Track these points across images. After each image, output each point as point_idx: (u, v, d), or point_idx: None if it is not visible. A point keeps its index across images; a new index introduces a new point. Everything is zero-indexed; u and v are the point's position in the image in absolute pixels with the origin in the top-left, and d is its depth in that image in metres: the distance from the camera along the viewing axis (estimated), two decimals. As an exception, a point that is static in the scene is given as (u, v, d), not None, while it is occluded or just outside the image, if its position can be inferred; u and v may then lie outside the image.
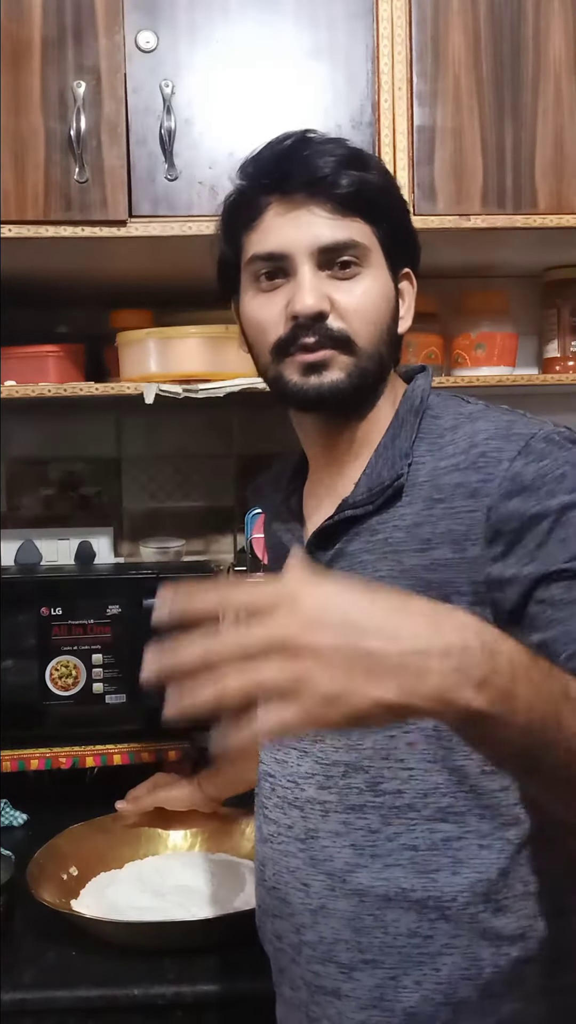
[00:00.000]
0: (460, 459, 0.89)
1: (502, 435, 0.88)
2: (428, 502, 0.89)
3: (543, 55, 1.44)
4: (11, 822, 1.59)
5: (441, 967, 0.89)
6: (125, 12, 1.39)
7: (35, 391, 1.53)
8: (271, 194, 0.93)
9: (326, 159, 0.92)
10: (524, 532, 0.84)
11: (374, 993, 0.91)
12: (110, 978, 1.15)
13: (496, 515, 0.85)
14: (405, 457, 0.92)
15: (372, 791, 0.91)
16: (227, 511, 1.93)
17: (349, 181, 0.91)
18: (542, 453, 0.86)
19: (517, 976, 0.89)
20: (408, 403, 0.97)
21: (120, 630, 1.58)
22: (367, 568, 0.92)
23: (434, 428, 0.94)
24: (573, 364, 1.74)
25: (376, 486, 0.93)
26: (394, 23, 1.42)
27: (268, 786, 1.01)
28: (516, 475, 0.85)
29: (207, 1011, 1.15)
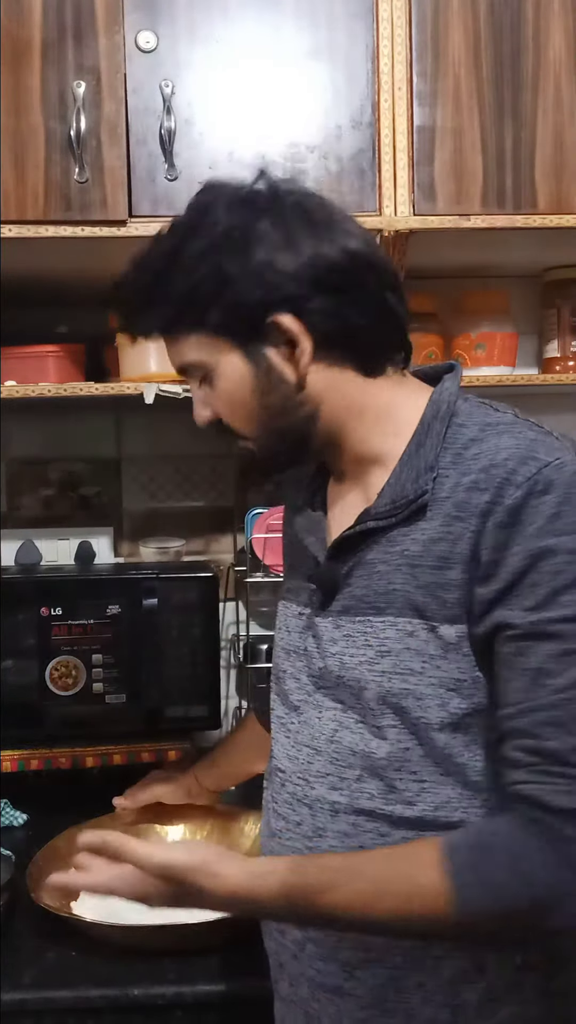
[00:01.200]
0: (480, 477, 0.87)
1: (520, 457, 0.86)
2: (447, 519, 0.88)
3: (543, 55, 1.44)
4: (11, 822, 1.59)
5: (443, 969, 0.89)
6: (125, 12, 1.39)
7: (35, 391, 1.54)
8: None
9: (120, 311, 0.97)
10: (500, 566, 0.84)
11: (375, 993, 0.91)
12: (110, 978, 1.15)
13: (486, 542, 0.85)
14: (430, 471, 0.90)
15: (384, 798, 0.91)
16: (227, 511, 1.93)
17: (143, 325, 0.96)
18: (548, 486, 0.84)
19: (517, 979, 0.90)
20: (434, 409, 0.94)
21: (120, 630, 1.58)
22: (383, 579, 0.91)
23: (459, 438, 0.91)
24: (573, 364, 1.74)
25: (400, 499, 0.91)
26: (394, 23, 1.42)
27: (279, 781, 1.00)
28: (515, 507, 0.84)
29: (207, 1011, 1.15)
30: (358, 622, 0.92)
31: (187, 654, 1.60)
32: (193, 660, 1.60)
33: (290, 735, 1.00)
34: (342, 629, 0.94)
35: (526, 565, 0.83)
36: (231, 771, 1.40)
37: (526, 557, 0.83)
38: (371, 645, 0.91)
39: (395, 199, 1.44)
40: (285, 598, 1.06)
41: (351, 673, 0.92)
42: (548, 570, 0.83)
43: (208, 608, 1.61)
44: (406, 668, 0.89)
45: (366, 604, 0.92)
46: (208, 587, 1.61)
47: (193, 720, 1.61)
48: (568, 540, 0.83)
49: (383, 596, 0.91)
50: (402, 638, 0.89)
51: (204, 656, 1.61)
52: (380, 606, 0.91)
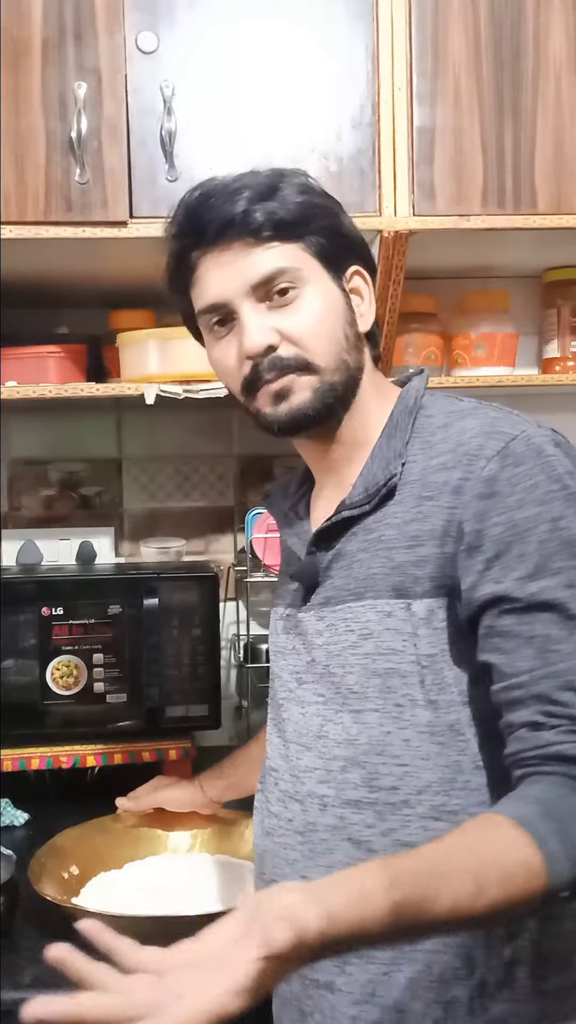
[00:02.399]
0: (448, 457, 0.91)
1: (486, 432, 0.90)
2: (418, 500, 0.91)
3: (543, 55, 1.44)
4: (12, 821, 1.59)
5: (434, 965, 0.90)
6: (126, 13, 1.39)
7: (36, 392, 1.54)
8: (195, 249, 0.97)
9: (234, 200, 0.94)
10: (485, 538, 0.86)
11: (367, 988, 0.92)
12: (110, 977, 1.15)
13: (465, 514, 0.88)
14: (399, 457, 0.94)
15: (368, 787, 0.92)
16: (227, 511, 1.93)
17: (261, 214, 0.93)
18: (520, 457, 0.87)
19: (508, 977, 0.90)
20: (403, 404, 0.99)
21: (121, 630, 1.58)
22: (363, 566, 0.94)
23: (427, 427, 0.96)
24: (573, 364, 1.75)
25: (372, 486, 0.95)
26: (394, 23, 1.42)
27: (272, 780, 1.02)
28: (490, 477, 0.87)
29: (207, 1010, 1.15)
30: (339, 610, 0.95)
31: (187, 654, 1.60)
32: (193, 660, 1.60)
33: (281, 734, 1.02)
34: (325, 620, 0.96)
35: (511, 535, 0.86)
36: (237, 783, 1.40)
37: (509, 527, 0.86)
38: (353, 630, 0.93)
39: (395, 199, 1.44)
40: (275, 603, 1.09)
41: (336, 660, 0.95)
42: (534, 539, 0.85)
43: (208, 608, 1.61)
44: (388, 648, 0.91)
45: (347, 592, 0.95)
46: (208, 587, 1.62)
47: (193, 720, 1.61)
48: (548, 509, 0.86)
49: (363, 582, 0.93)
50: (382, 619, 0.91)
51: (204, 656, 1.61)
52: (359, 592, 0.93)
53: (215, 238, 0.95)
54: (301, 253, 0.95)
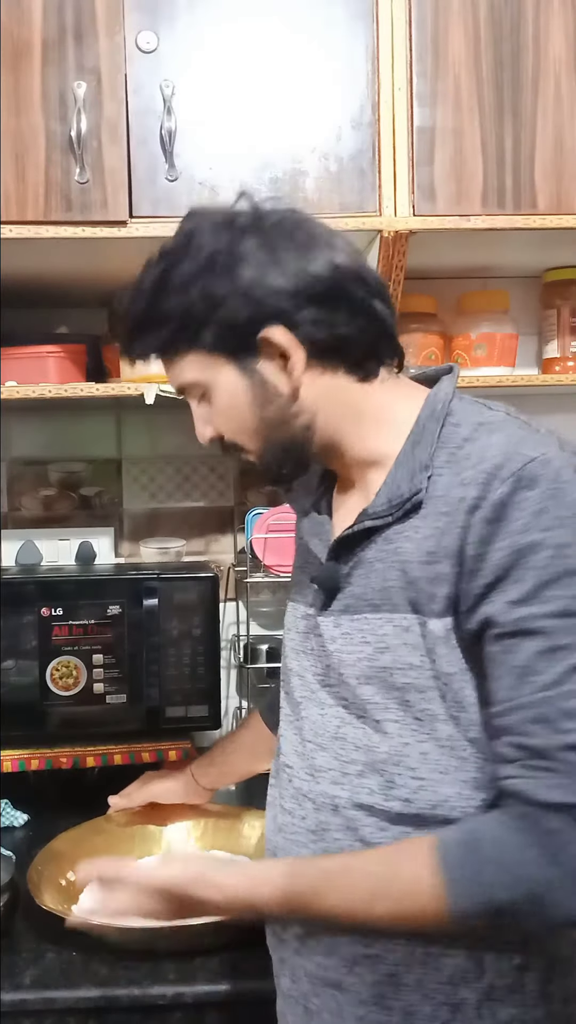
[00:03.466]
0: (469, 474, 0.88)
1: (507, 453, 0.87)
2: (438, 516, 0.89)
3: (543, 55, 1.44)
4: (11, 822, 1.59)
5: (443, 968, 0.90)
6: (125, 12, 1.39)
7: (36, 392, 1.54)
8: None
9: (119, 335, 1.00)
10: (487, 562, 0.85)
11: (374, 989, 0.92)
12: (110, 978, 1.16)
13: (473, 536, 0.86)
14: (425, 470, 0.91)
15: (383, 794, 0.91)
16: (227, 511, 1.93)
17: (140, 349, 0.98)
18: (533, 481, 0.85)
19: (517, 982, 0.90)
20: (429, 409, 0.95)
21: (121, 630, 1.58)
22: (379, 576, 0.93)
23: (453, 437, 0.92)
24: (573, 364, 1.74)
25: (396, 498, 0.92)
26: (394, 23, 1.42)
27: (286, 777, 1.02)
28: (500, 501, 0.85)
29: (207, 1011, 1.15)
30: (356, 620, 0.94)
31: (187, 654, 1.60)
32: (193, 660, 1.60)
33: (298, 732, 1.01)
34: (341, 628, 0.95)
35: (511, 560, 0.84)
36: (229, 770, 1.40)
37: (511, 552, 0.84)
38: (369, 642, 0.92)
39: (395, 199, 1.44)
40: (293, 599, 1.07)
41: (350, 671, 0.94)
42: (533, 565, 0.83)
43: (208, 608, 1.61)
44: (406, 663, 0.90)
45: (364, 602, 0.93)
46: (208, 587, 1.62)
47: (193, 720, 1.61)
48: (553, 535, 0.83)
49: (379, 593, 0.92)
50: (399, 633, 0.90)
51: (204, 656, 1.61)
52: (376, 603, 0.92)
53: None
54: (196, 358, 0.96)
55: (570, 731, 0.81)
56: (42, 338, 1.65)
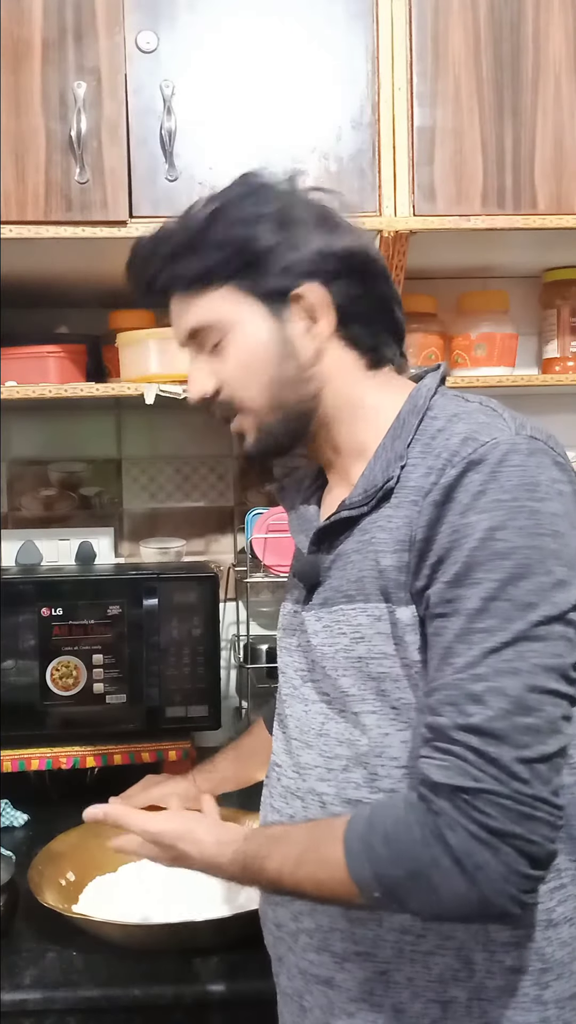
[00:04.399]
0: (436, 462, 0.89)
1: (463, 439, 0.87)
2: (409, 505, 0.90)
3: (543, 55, 1.44)
4: (11, 822, 1.59)
5: (433, 966, 0.90)
6: (125, 12, 1.39)
7: (36, 392, 1.54)
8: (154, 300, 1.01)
9: (148, 263, 0.97)
10: (431, 543, 0.85)
11: (365, 986, 0.92)
12: (110, 978, 1.15)
13: (421, 520, 0.86)
14: (399, 460, 0.92)
15: (369, 787, 0.92)
16: (227, 511, 1.93)
17: (169, 276, 0.96)
18: (480, 466, 0.85)
19: (508, 983, 0.90)
20: (411, 403, 0.97)
21: (120, 630, 1.58)
22: (355, 568, 0.93)
23: (428, 429, 0.94)
24: (573, 364, 1.75)
25: (371, 488, 0.93)
26: (394, 23, 1.42)
27: (275, 776, 1.02)
28: (448, 485, 0.85)
29: (207, 1011, 1.15)
30: (334, 611, 0.94)
31: (187, 654, 1.60)
32: (193, 660, 1.60)
33: (286, 730, 1.02)
34: (322, 621, 0.96)
35: (450, 542, 0.84)
36: (231, 776, 1.40)
37: (450, 534, 0.84)
38: (345, 633, 0.93)
39: (395, 199, 1.44)
40: (285, 597, 1.08)
41: (331, 663, 0.94)
42: (465, 547, 0.83)
43: (208, 608, 1.61)
44: (380, 652, 0.90)
45: (340, 594, 0.94)
46: (208, 587, 1.61)
47: (193, 720, 1.61)
48: (486, 518, 0.83)
49: (355, 584, 0.93)
50: (372, 623, 0.91)
51: (204, 656, 1.61)
52: (351, 594, 0.93)
53: (147, 300, 1.00)
54: (229, 295, 0.95)
55: (472, 714, 0.80)
56: (42, 338, 1.65)
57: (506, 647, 0.81)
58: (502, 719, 0.79)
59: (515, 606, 0.81)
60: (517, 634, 0.81)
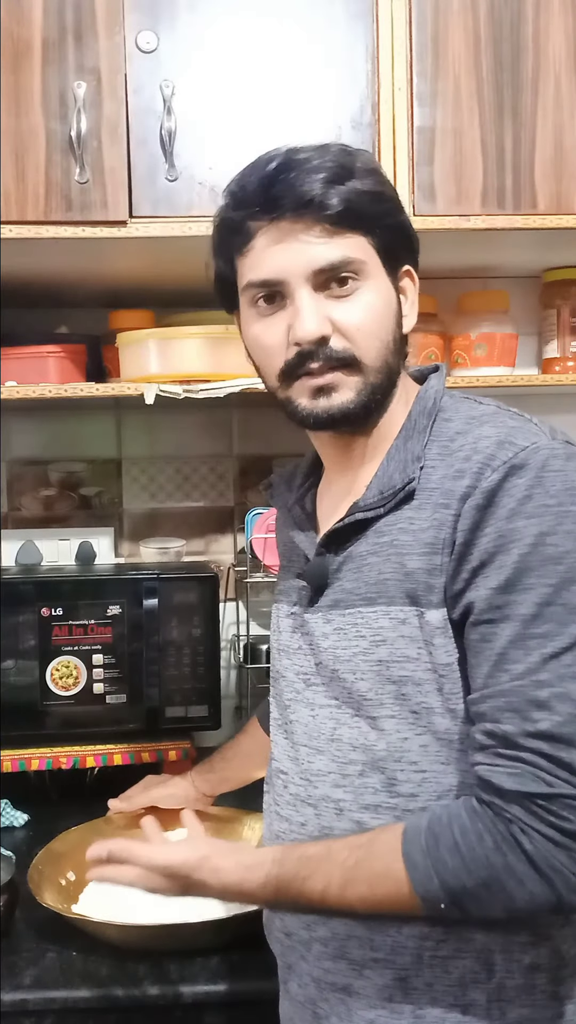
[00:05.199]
0: (464, 466, 0.88)
1: (499, 443, 0.87)
2: (435, 507, 0.89)
3: (543, 55, 1.44)
4: (11, 822, 1.59)
5: (452, 970, 0.89)
6: (125, 12, 1.39)
7: (36, 392, 1.54)
8: (260, 219, 0.92)
9: (312, 178, 0.89)
10: (473, 548, 0.85)
11: (384, 992, 0.91)
12: (110, 978, 1.15)
13: (463, 524, 0.86)
14: (417, 460, 0.92)
15: (388, 792, 0.91)
16: (227, 511, 1.93)
17: (338, 199, 0.89)
18: (523, 470, 0.85)
19: (527, 981, 0.89)
20: (421, 405, 0.96)
21: (120, 630, 1.58)
22: (373, 570, 0.92)
23: (445, 431, 0.93)
24: (573, 364, 1.74)
25: (387, 489, 0.92)
26: (394, 23, 1.42)
27: (280, 783, 1.01)
28: (491, 489, 0.85)
29: (207, 1011, 1.15)
30: (349, 614, 0.93)
31: (187, 654, 1.60)
32: (193, 660, 1.60)
33: (288, 736, 1.00)
34: (332, 623, 0.95)
35: (495, 547, 0.84)
36: (229, 776, 1.40)
37: (495, 538, 0.84)
38: (364, 636, 0.92)
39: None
40: (277, 600, 1.07)
41: (346, 666, 0.93)
42: (514, 552, 0.83)
43: (208, 608, 1.61)
44: (403, 655, 0.89)
45: (357, 596, 0.93)
46: (208, 587, 1.62)
47: (193, 720, 1.61)
48: (535, 523, 0.83)
49: (374, 587, 0.91)
50: (396, 626, 0.90)
51: (204, 656, 1.61)
52: (371, 596, 0.92)
53: (287, 215, 0.90)
54: (366, 245, 0.92)
55: (538, 720, 0.81)
56: (42, 338, 1.65)
57: (566, 652, 0.82)
58: (571, 723, 0.80)
59: (569, 610, 0.82)
60: (575, 638, 0.82)
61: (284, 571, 1.07)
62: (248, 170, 0.94)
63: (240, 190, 0.94)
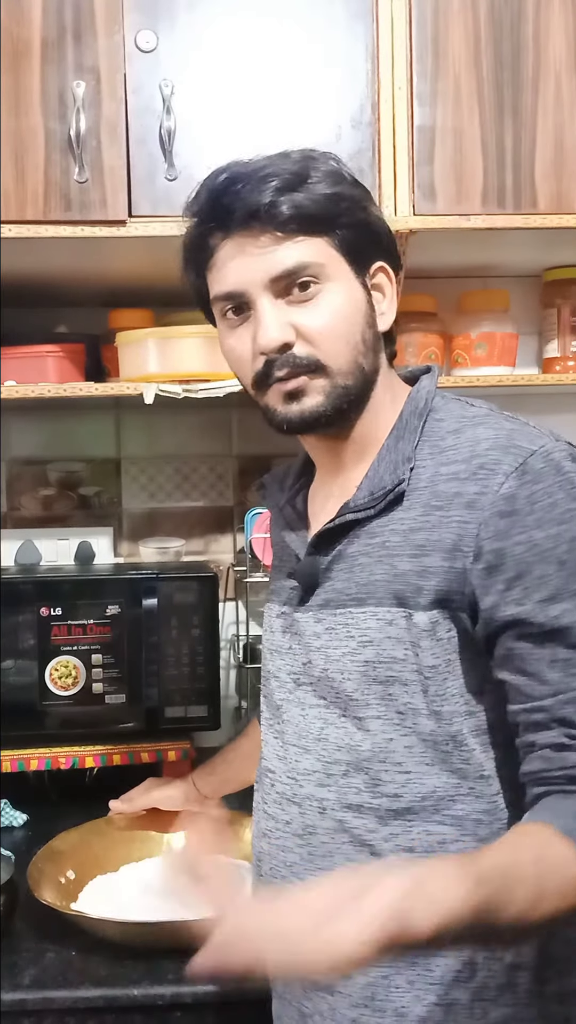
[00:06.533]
0: (461, 468, 0.88)
1: (502, 446, 0.88)
2: (426, 508, 0.89)
3: (543, 55, 1.44)
4: (11, 822, 1.59)
5: (434, 968, 0.89)
6: (125, 12, 1.39)
7: (35, 391, 1.53)
8: (216, 233, 0.93)
9: (261, 188, 0.90)
10: (506, 557, 0.85)
11: (366, 991, 0.91)
12: (110, 978, 1.15)
13: (485, 532, 0.86)
14: (407, 461, 0.92)
15: (371, 792, 0.91)
16: (227, 511, 1.93)
17: (288, 206, 0.89)
18: (539, 474, 0.86)
19: (510, 981, 0.90)
20: (412, 405, 0.96)
21: (120, 630, 1.58)
22: (364, 571, 0.92)
23: (436, 431, 0.93)
24: (573, 364, 1.74)
25: (378, 490, 0.93)
26: (394, 23, 1.42)
27: (268, 782, 1.01)
28: (509, 495, 0.85)
29: (207, 1011, 1.15)
30: (339, 615, 0.94)
31: (187, 654, 1.60)
32: (193, 660, 1.60)
33: (279, 735, 1.00)
34: (323, 623, 0.95)
35: (532, 556, 0.84)
36: (230, 778, 1.40)
37: (529, 548, 0.84)
38: (353, 636, 0.92)
39: (395, 199, 1.44)
40: (269, 599, 1.07)
41: (335, 666, 0.93)
42: (555, 561, 0.84)
43: (208, 608, 1.61)
44: (389, 656, 0.90)
45: (347, 597, 0.93)
46: (208, 587, 1.61)
47: (193, 720, 1.61)
48: (568, 528, 0.85)
49: (364, 588, 0.92)
50: (383, 627, 0.90)
51: (204, 656, 1.61)
52: (361, 597, 0.92)
53: (239, 226, 0.91)
54: (326, 248, 0.91)
55: None
56: (41, 338, 1.65)
57: None
58: None
59: None
60: None
61: (276, 571, 1.08)
62: (200, 187, 0.95)
63: (195, 206, 0.95)
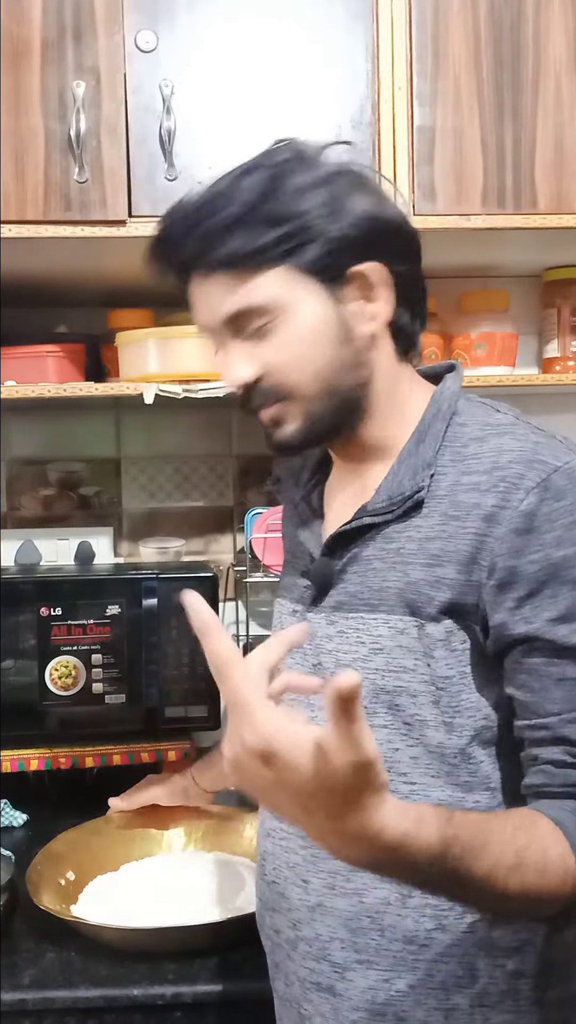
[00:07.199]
0: (482, 479, 0.87)
1: (526, 460, 0.86)
2: (444, 518, 0.88)
3: (543, 55, 1.44)
4: (11, 822, 1.59)
5: (435, 973, 0.89)
6: (125, 12, 1.39)
7: (35, 391, 1.53)
8: (179, 275, 0.92)
9: (192, 233, 0.88)
10: (519, 575, 0.84)
11: (366, 994, 0.91)
12: (110, 978, 1.15)
13: (500, 548, 0.84)
14: (427, 468, 0.90)
15: None
16: (227, 511, 1.93)
17: (224, 251, 0.86)
18: (561, 492, 0.84)
19: (511, 987, 0.89)
20: (435, 407, 0.94)
21: (120, 630, 1.58)
22: (377, 576, 0.91)
23: (459, 436, 0.91)
24: (573, 364, 1.74)
25: (396, 495, 0.91)
26: (394, 23, 1.42)
27: None
28: (529, 512, 0.84)
29: (206, 1012, 1.15)
30: (351, 619, 0.93)
31: (187, 654, 1.60)
32: (193, 660, 1.60)
33: None
34: (336, 625, 0.94)
35: (546, 575, 0.83)
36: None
37: (544, 566, 0.83)
38: (364, 642, 0.91)
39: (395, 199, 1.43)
40: (280, 595, 1.06)
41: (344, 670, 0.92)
42: (569, 580, 0.83)
43: (208, 608, 1.61)
44: (399, 665, 0.89)
45: (360, 601, 0.92)
46: (208, 587, 1.61)
47: (193, 720, 1.61)
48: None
49: (377, 593, 0.91)
50: (394, 635, 0.89)
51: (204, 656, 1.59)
52: (373, 603, 0.91)
53: (190, 271, 0.90)
54: (284, 274, 0.87)
55: None
56: (41, 338, 1.65)
57: None
58: None
59: None
60: None
61: (288, 566, 1.06)
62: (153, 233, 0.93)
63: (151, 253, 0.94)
